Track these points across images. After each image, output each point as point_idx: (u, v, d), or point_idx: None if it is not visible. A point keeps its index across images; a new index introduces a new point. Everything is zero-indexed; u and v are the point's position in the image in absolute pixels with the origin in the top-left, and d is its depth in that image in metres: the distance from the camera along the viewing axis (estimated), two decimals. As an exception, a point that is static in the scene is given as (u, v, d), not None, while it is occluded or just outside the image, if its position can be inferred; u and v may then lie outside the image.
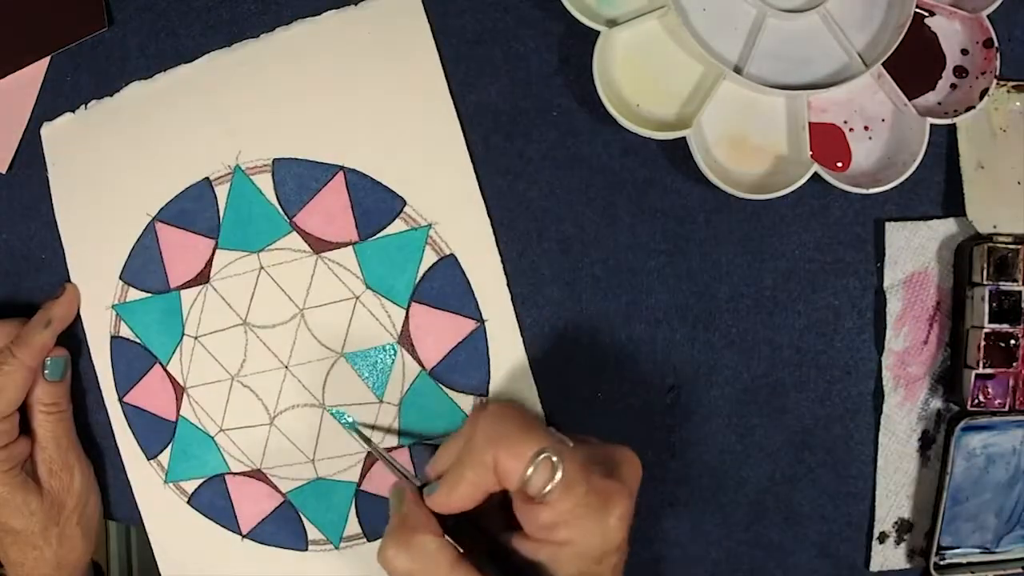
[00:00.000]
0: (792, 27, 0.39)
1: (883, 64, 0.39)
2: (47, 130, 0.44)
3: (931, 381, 0.42)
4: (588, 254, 0.42)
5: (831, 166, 0.39)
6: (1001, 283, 0.40)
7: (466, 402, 0.42)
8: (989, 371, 0.40)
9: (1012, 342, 0.40)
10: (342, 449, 0.43)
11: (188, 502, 0.45)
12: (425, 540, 0.33)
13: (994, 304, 0.40)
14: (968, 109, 0.39)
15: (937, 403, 0.42)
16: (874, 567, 0.43)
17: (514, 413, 0.35)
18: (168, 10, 0.43)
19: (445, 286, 0.41)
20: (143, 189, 0.44)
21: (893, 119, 0.40)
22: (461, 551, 0.33)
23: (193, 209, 0.43)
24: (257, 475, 0.44)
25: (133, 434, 0.45)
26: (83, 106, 0.44)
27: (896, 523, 0.43)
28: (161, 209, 0.43)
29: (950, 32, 0.40)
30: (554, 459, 0.32)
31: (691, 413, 0.42)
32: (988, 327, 0.40)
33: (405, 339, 0.42)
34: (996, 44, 0.39)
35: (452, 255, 0.41)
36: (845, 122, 0.40)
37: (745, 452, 0.43)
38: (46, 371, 0.43)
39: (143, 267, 0.44)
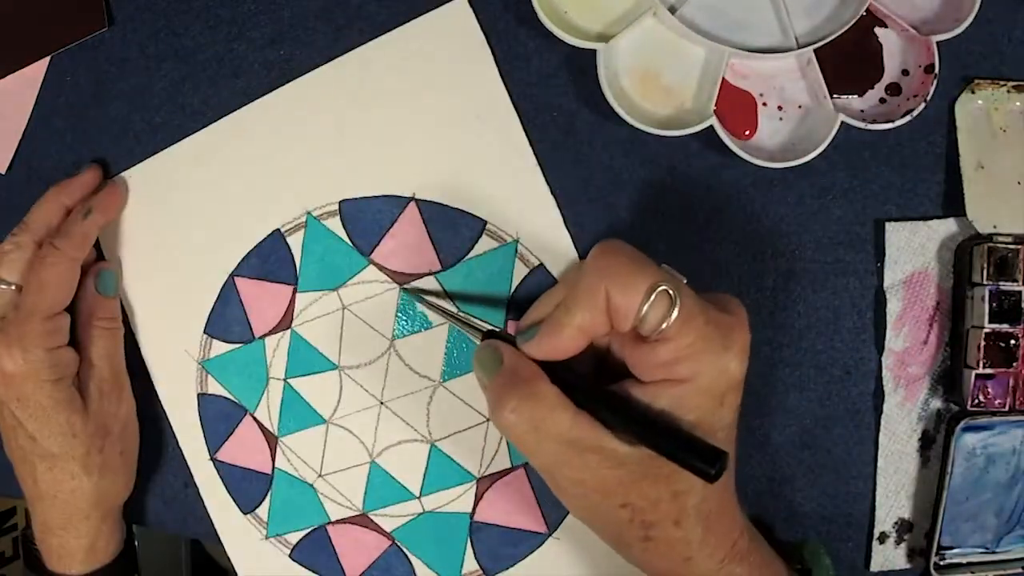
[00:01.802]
0: (741, -12, 0.40)
1: (817, 56, 0.39)
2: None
3: (931, 381, 0.42)
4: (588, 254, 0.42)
5: (737, 132, 0.39)
6: (1001, 283, 0.40)
7: None
8: (989, 371, 0.40)
9: (1012, 342, 0.40)
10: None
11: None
12: (545, 389, 0.31)
13: (994, 304, 0.40)
14: (887, 121, 0.39)
15: (937, 403, 0.42)
16: (874, 567, 0.43)
17: (623, 248, 0.32)
18: (168, 10, 0.43)
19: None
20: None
21: (808, 108, 0.40)
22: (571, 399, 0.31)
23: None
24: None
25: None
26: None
27: (896, 523, 0.43)
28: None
29: (896, 48, 0.40)
30: (671, 292, 0.30)
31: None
32: (988, 327, 0.40)
33: None
34: (936, 72, 0.39)
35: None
36: (761, 95, 0.40)
37: (745, 452, 0.43)
38: (98, 285, 0.41)
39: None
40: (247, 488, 0.44)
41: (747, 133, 0.40)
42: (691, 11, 0.40)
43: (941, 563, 0.42)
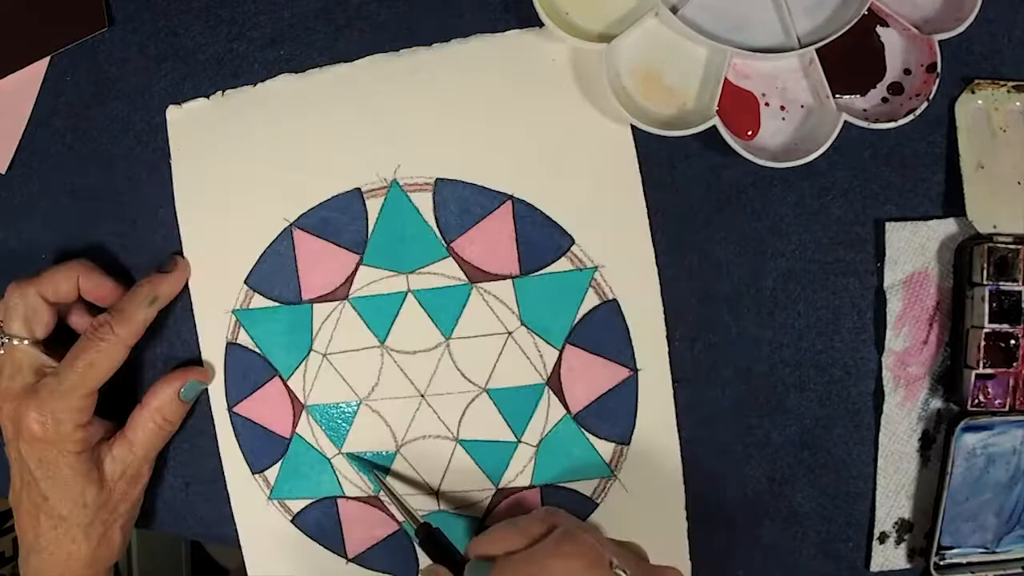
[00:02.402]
0: (742, -12, 0.40)
1: (819, 56, 0.39)
2: (174, 113, 0.42)
3: (931, 381, 0.42)
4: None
5: (739, 132, 0.39)
6: (1001, 283, 0.40)
7: (606, 449, 0.41)
8: (989, 371, 0.40)
9: (1012, 342, 0.40)
10: (471, 485, 0.42)
11: (292, 520, 0.44)
12: None
13: (994, 304, 0.40)
14: (889, 121, 0.39)
15: (937, 403, 0.42)
16: (874, 567, 0.43)
17: (581, 550, 0.34)
18: (168, 10, 0.43)
19: (603, 331, 0.40)
20: (283, 191, 0.42)
21: (811, 108, 0.40)
22: None
23: (339, 220, 0.41)
24: (373, 501, 0.43)
25: (239, 446, 0.44)
26: (220, 92, 0.42)
27: (896, 523, 0.43)
28: (302, 215, 0.41)
29: (898, 48, 0.40)
30: None
31: (691, 413, 0.42)
32: (988, 327, 0.40)
33: (554, 381, 0.41)
34: (938, 71, 0.39)
35: (615, 300, 0.40)
36: (763, 95, 0.40)
37: (745, 452, 0.43)
38: (182, 392, 0.42)
39: (274, 274, 0.42)
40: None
41: (749, 133, 0.40)
42: (693, 11, 0.40)
43: (941, 563, 0.42)
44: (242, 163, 0.42)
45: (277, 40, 0.42)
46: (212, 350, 0.44)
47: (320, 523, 0.44)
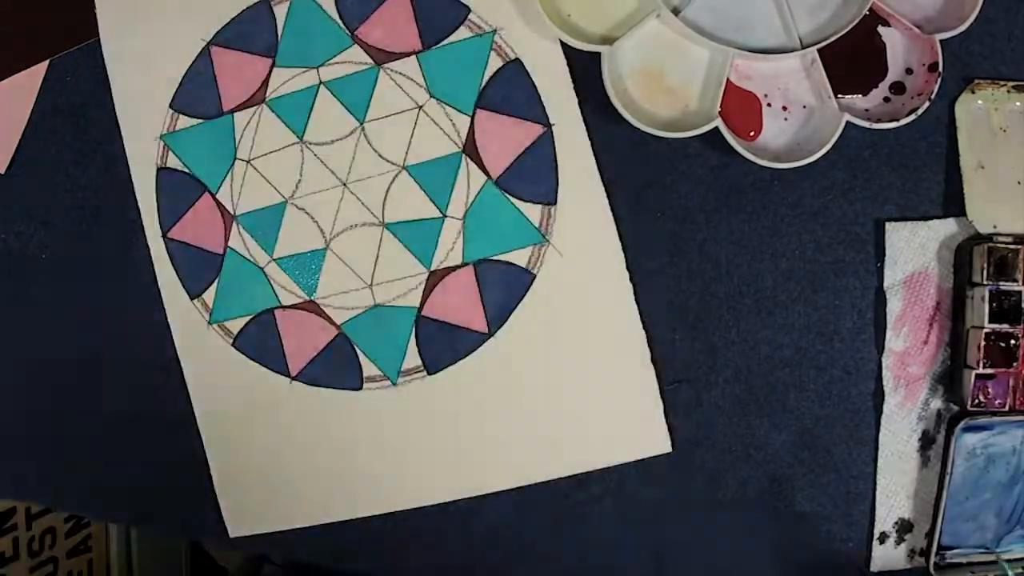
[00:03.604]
0: (744, -12, 0.40)
1: (821, 56, 0.39)
2: None
3: (931, 381, 0.42)
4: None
5: (742, 133, 0.39)
6: (1001, 283, 0.40)
7: (534, 212, 0.41)
8: (989, 371, 0.40)
9: (1012, 342, 0.40)
10: (402, 271, 0.42)
11: (233, 343, 0.44)
12: None
13: (994, 304, 0.40)
14: (891, 121, 0.39)
15: (937, 403, 0.42)
16: (874, 567, 0.43)
17: None
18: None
19: (511, 91, 0.41)
20: (196, 13, 0.43)
21: (813, 108, 0.40)
22: None
23: (250, 30, 0.43)
24: (309, 307, 0.43)
25: (176, 271, 0.44)
26: None
27: (896, 523, 0.43)
28: (217, 32, 0.43)
29: (900, 47, 0.40)
30: None
31: (691, 413, 0.42)
32: (988, 327, 0.40)
33: (470, 147, 0.41)
34: (940, 70, 0.39)
35: (518, 59, 0.41)
36: (765, 95, 0.40)
37: (745, 452, 0.43)
38: None
39: (195, 93, 0.43)
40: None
41: (752, 134, 0.40)
42: (694, 12, 0.40)
43: (941, 563, 0.42)
44: None
45: (277, 40, 0.42)
46: (143, 179, 0.44)
47: (261, 341, 0.44)
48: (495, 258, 0.41)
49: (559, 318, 0.41)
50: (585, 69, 0.40)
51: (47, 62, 0.44)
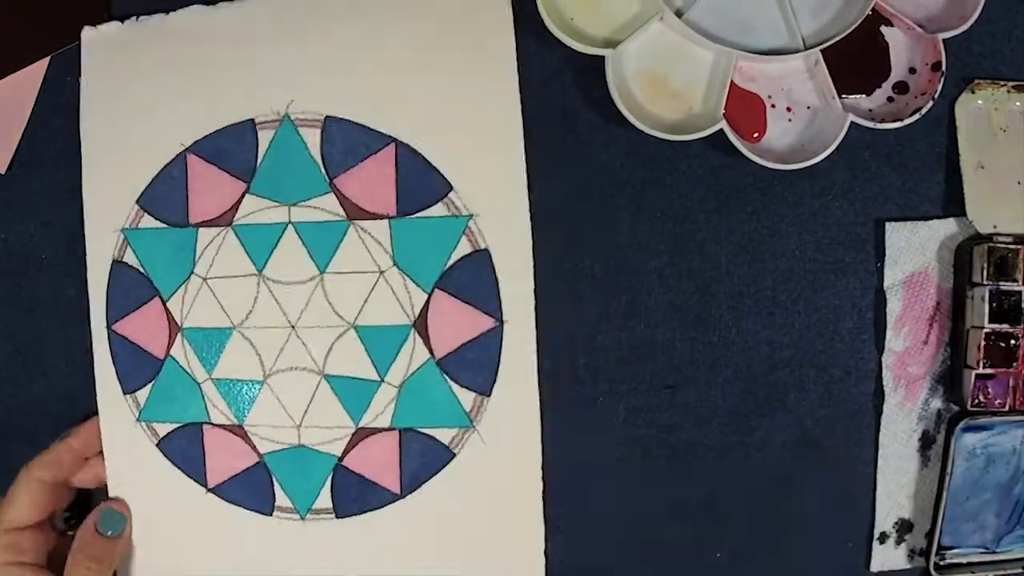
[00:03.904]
0: (748, -10, 0.40)
1: (824, 56, 0.39)
2: (89, 33, 0.43)
3: (931, 381, 0.42)
4: (588, 254, 0.42)
5: (746, 135, 0.39)
6: (1001, 283, 0.40)
7: (467, 398, 0.41)
8: (989, 371, 0.40)
9: (1012, 342, 0.40)
10: (331, 421, 0.43)
11: (157, 444, 0.44)
12: None
13: (994, 304, 0.40)
14: (895, 121, 0.39)
15: (937, 403, 0.42)
16: (874, 567, 0.43)
17: None
18: (168, 10, 0.43)
19: (472, 279, 0.41)
20: (181, 116, 0.43)
21: (817, 109, 0.40)
22: None
23: (230, 148, 0.42)
24: (237, 431, 0.43)
25: (114, 364, 0.44)
26: (134, 18, 0.43)
27: (896, 523, 0.43)
28: (197, 141, 0.43)
29: (903, 47, 0.40)
30: None
31: (691, 413, 0.42)
32: (988, 327, 0.40)
33: (421, 323, 0.41)
34: (943, 69, 0.39)
35: (486, 250, 0.41)
36: (769, 97, 0.40)
37: (745, 452, 0.43)
38: (99, 523, 0.41)
39: (165, 196, 0.43)
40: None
41: (756, 135, 0.40)
42: (698, 15, 0.40)
43: (941, 563, 0.42)
44: (147, 88, 0.43)
45: (277, 40, 0.42)
46: (97, 266, 0.44)
47: (184, 450, 0.44)
48: (421, 430, 0.42)
49: (468, 500, 0.42)
50: (588, 72, 0.40)
51: (47, 61, 0.44)
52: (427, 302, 0.41)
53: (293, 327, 0.42)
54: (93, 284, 0.44)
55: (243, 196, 0.42)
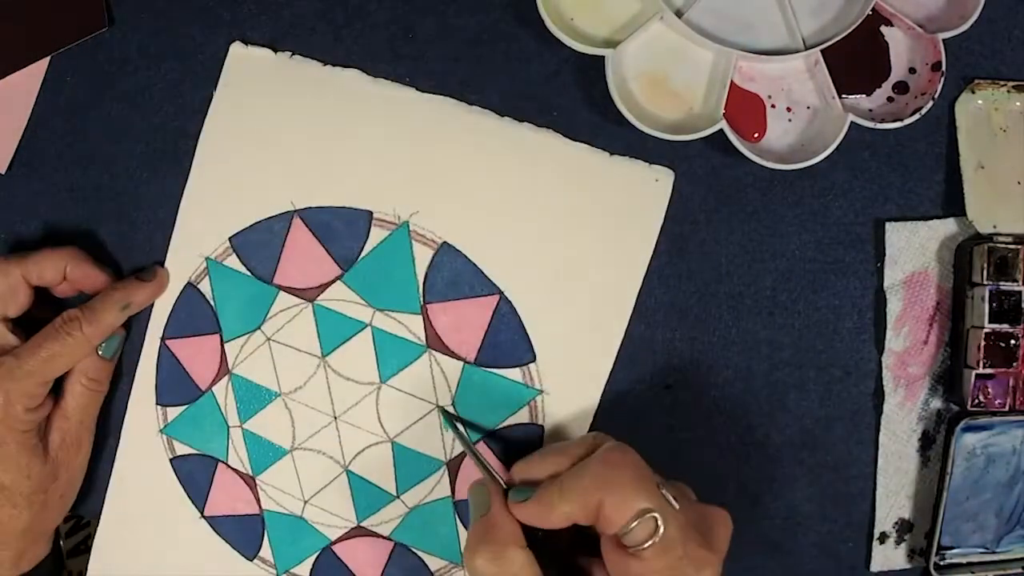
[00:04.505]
0: (747, -9, 0.40)
1: (824, 56, 0.39)
2: (237, 50, 0.42)
3: (931, 381, 0.42)
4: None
5: (746, 135, 0.39)
6: (1001, 283, 0.40)
7: (518, 375, 0.41)
8: (989, 371, 0.40)
9: (1012, 342, 0.40)
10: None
11: (171, 460, 0.44)
12: (515, 554, 0.33)
13: (994, 304, 0.40)
14: (895, 121, 0.39)
15: (937, 403, 0.42)
16: (874, 567, 0.43)
17: (630, 461, 0.34)
18: (168, 10, 0.43)
19: (451, 275, 0.41)
20: (302, 176, 0.42)
21: (817, 109, 0.40)
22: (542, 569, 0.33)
23: (340, 230, 0.42)
24: (248, 480, 0.44)
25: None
26: (288, 53, 0.42)
27: (896, 523, 0.43)
28: (308, 208, 0.42)
29: (903, 47, 0.40)
30: (658, 519, 0.32)
31: (691, 413, 0.42)
32: (988, 327, 0.40)
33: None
34: (943, 69, 0.39)
35: (445, 243, 0.41)
36: (769, 97, 0.40)
37: (745, 452, 0.43)
38: (101, 347, 0.41)
39: (258, 246, 0.42)
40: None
41: (756, 136, 0.40)
42: (698, 15, 0.40)
43: (941, 563, 0.42)
44: (276, 129, 0.42)
45: (277, 40, 0.42)
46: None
47: (194, 474, 0.44)
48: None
49: None
50: (589, 72, 0.40)
51: (47, 61, 0.44)
52: (426, 320, 0.41)
53: (336, 418, 0.42)
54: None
55: (334, 281, 0.42)
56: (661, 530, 0.31)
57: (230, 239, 0.43)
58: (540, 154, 0.40)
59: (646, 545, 0.31)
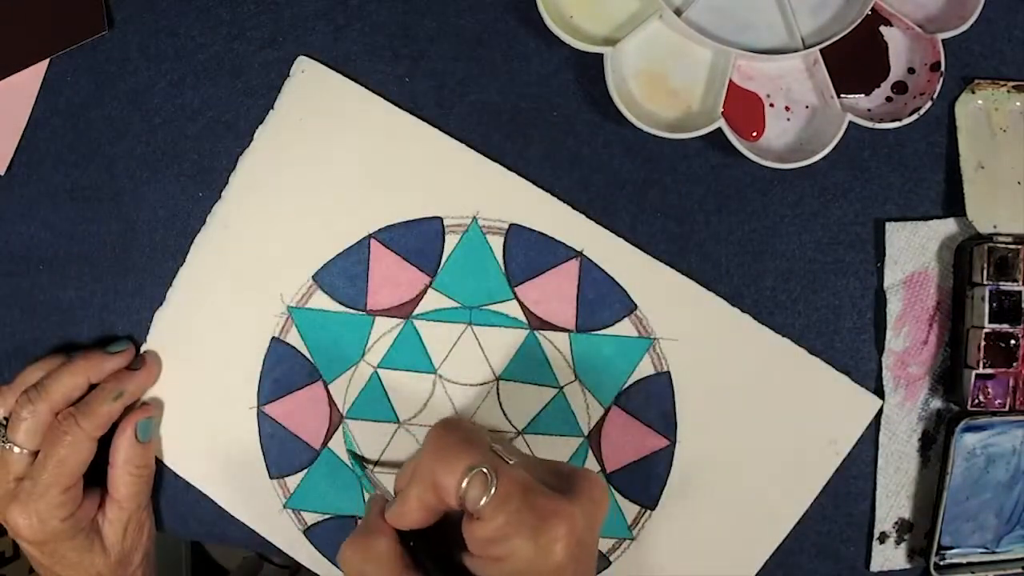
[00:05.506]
0: (746, -10, 0.40)
1: (823, 56, 0.39)
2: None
3: (931, 381, 0.42)
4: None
5: (744, 134, 0.39)
6: (1001, 283, 0.40)
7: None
8: (989, 371, 0.40)
9: (1012, 342, 0.40)
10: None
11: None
12: (378, 542, 0.33)
13: (994, 304, 0.40)
14: (894, 121, 0.39)
15: (937, 403, 0.42)
16: (874, 567, 0.43)
17: (456, 427, 0.34)
18: (168, 10, 0.43)
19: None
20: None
21: (816, 108, 0.40)
22: (414, 562, 0.33)
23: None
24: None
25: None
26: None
27: (896, 523, 0.43)
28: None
29: (902, 47, 0.40)
30: (486, 472, 0.31)
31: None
32: (988, 327, 0.40)
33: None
34: (942, 70, 0.39)
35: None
36: (768, 96, 0.40)
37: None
38: (138, 433, 0.41)
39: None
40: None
41: (754, 135, 0.40)
42: (697, 13, 0.40)
43: (941, 563, 0.42)
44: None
45: (277, 40, 0.42)
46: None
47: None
48: None
49: None
50: (588, 70, 0.40)
51: (47, 62, 0.44)
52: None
53: None
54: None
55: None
56: (492, 483, 0.31)
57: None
58: None
59: (481, 503, 0.31)
